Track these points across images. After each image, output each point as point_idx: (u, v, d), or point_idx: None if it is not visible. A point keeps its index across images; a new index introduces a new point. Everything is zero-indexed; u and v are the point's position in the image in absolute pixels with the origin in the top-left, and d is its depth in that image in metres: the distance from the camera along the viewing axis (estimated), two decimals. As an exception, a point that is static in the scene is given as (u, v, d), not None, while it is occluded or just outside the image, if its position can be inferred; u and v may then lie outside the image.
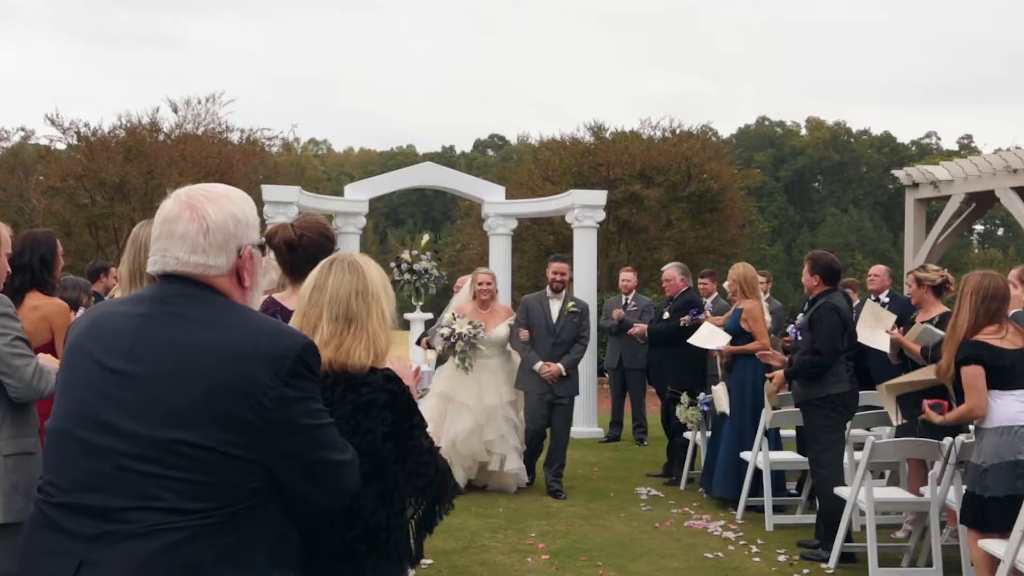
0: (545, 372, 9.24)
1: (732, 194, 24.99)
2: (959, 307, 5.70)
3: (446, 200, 57.01)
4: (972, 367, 5.55)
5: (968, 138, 71.61)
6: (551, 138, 26.68)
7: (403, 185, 14.55)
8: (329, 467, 2.39)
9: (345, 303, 2.78)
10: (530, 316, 9.45)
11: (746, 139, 73.10)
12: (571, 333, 9.42)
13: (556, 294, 9.51)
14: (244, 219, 2.42)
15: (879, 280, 10.06)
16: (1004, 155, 13.59)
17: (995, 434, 5.52)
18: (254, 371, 2.23)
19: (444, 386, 9.31)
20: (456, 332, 9.00)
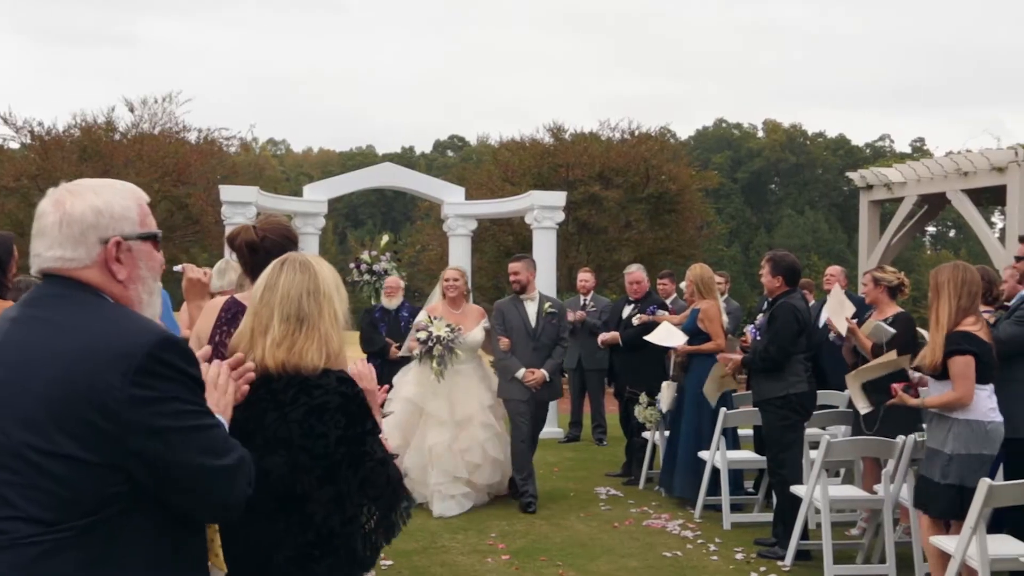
0: (530, 380, 8.76)
1: (690, 195, 25.11)
2: (937, 299, 5.74)
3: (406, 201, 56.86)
4: (965, 357, 5.60)
5: (920, 141, 72.68)
6: (511, 139, 26.67)
7: (362, 186, 14.50)
8: (195, 474, 2.21)
9: (296, 303, 2.76)
10: (507, 321, 8.92)
11: (704, 141, 73.64)
12: (551, 336, 8.96)
13: (529, 296, 9.01)
14: (108, 210, 2.32)
15: (834, 280, 10.18)
16: (955, 158, 13.83)
17: (966, 426, 5.60)
18: (100, 372, 2.12)
19: (411, 392, 8.77)
20: (434, 335, 8.55)
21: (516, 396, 8.80)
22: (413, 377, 8.85)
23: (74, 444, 2.11)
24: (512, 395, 8.83)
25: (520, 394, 8.79)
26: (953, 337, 5.62)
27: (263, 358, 2.72)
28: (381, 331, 11.20)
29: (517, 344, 8.84)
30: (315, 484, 2.64)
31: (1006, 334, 6.01)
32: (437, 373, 8.53)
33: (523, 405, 8.77)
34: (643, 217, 24.38)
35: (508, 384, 8.85)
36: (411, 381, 8.84)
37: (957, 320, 5.64)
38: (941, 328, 5.68)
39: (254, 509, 2.59)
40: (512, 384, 8.81)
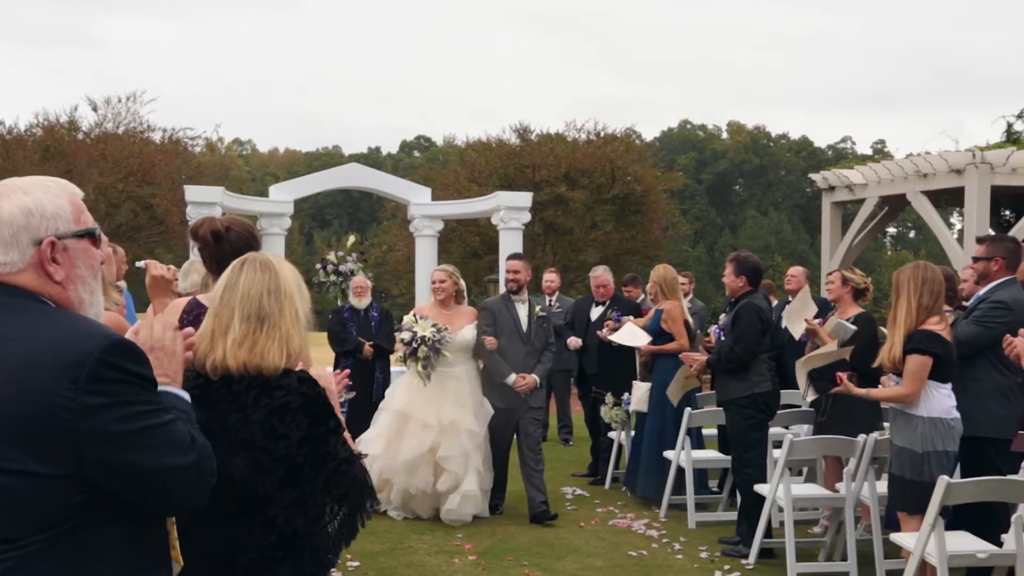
0: (521, 385, 8.30)
1: (655, 196, 25.27)
2: (897, 298, 5.79)
3: (372, 201, 56.73)
4: (923, 357, 5.64)
5: (881, 143, 73.38)
6: (477, 140, 26.73)
7: (329, 186, 14.50)
8: (159, 474, 2.17)
9: (257, 302, 2.74)
10: (497, 322, 8.37)
11: (669, 142, 73.96)
12: (542, 339, 8.49)
13: (519, 297, 8.51)
14: (39, 210, 2.22)
15: (796, 280, 10.29)
16: (915, 160, 14.00)
17: (930, 424, 5.67)
18: (49, 383, 2.05)
19: (401, 403, 8.34)
20: (418, 335, 8.02)
21: (503, 403, 8.31)
22: (404, 386, 8.47)
23: (30, 459, 2.05)
24: (496, 402, 8.34)
25: (506, 400, 8.29)
26: (917, 335, 5.68)
27: (224, 358, 2.70)
28: (351, 331, 11.19)
29: (508, 347, 8.33)
30: (277, 486, 2.64)
31: (965, 334, 6.08)
32: (422, 376, 8.04)
33: (507, 415, 8.33)
34: (609, 218, 24.51)
35: (493, 390, 8.35)
36: (403, 390, 8.47)
37: (919, 319, 5.71)
38: (899, 326, 5.75)
39: (216, 511, 2.59)
40: (498, 390, 8.32)
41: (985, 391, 6.08)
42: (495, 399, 8.32)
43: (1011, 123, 16.83)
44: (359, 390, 10.97)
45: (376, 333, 11.34)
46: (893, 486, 5.93)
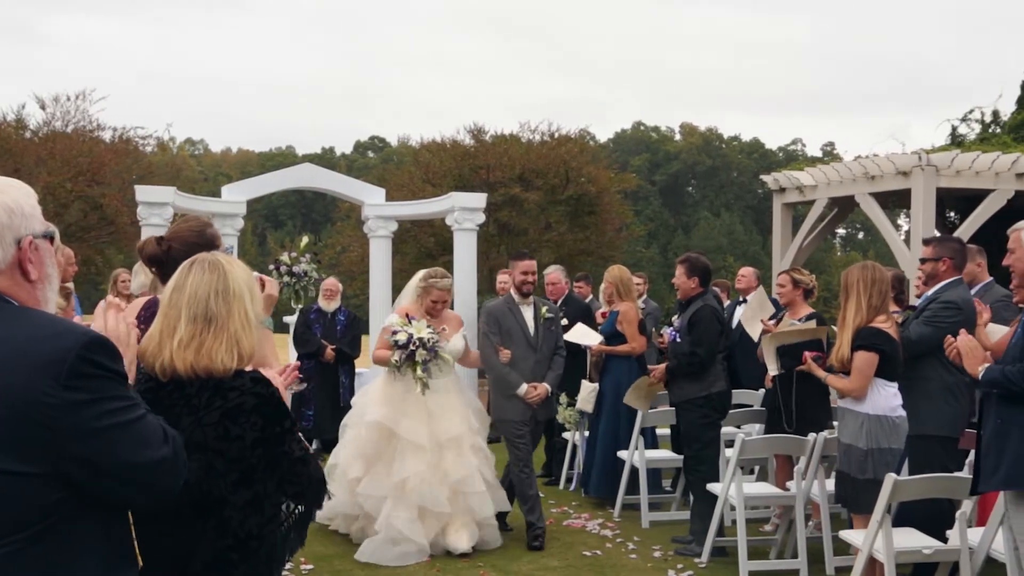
0: (533, 396, 7.64)
1: (609, 197, 25.40)
2: (846, 298, 5.88)
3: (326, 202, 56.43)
4: (869, 354, 5.74)
5: (831, 145, 74.30)
6: (431, 140, 26.70)
7: (282, 186, 14.36)
8: (138, 468, 2.21)
9: (204, 303, 2.72)
10: (503, 329, 7.69)
11: (623, 143, 74.39)
12: (550, 345, 7.87)
13: (525, 299, 7.85)
14: (19, 209, 2.24)
15: (746, 281, 10.39)
16: (863, 162, 14.20)
17: (876, 421, 5.77)
18: (28, 381, 2.07)
19: (380, 414, 7.28)
20: (415, 337, 7.14)
21: (514, 416, 7.65)
22: (379, 396, 7.45)
23: (9, 457, 2.06)
24: (509, 415, 7.68)
25: (518, 413, 7.65)
26: (864, 333, 5.78)
27: (171, 360, 2.68)
28: (315, 332, 11.13)
29: (515, 355, 7.66)
30: (231, 488, 2.62)
31: (917, 334, 6.18)
32: (421, 383, 7.11)
33: (521, 427, 7.67)
34: (563, 219, 24.60)
35: (506, 402, 7.69)
36: (377, 401, 7.42)
37: (868, 318, 5.81)
38: (848, 326, 5.85)
39: (169, 515, 2.58)
40: (510, 403, 7.67)
41: (934, 390, 6.19)
42: (507, 412, 7.69)
43: (955, 126, 17.14)
44: (323, 394, 10.93)
45: (341, 337, 11.26)
46: (840, 484, 6.02)
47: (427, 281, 7.54)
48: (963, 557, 5.45)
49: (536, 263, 8.04)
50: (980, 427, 4.71)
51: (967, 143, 15.78)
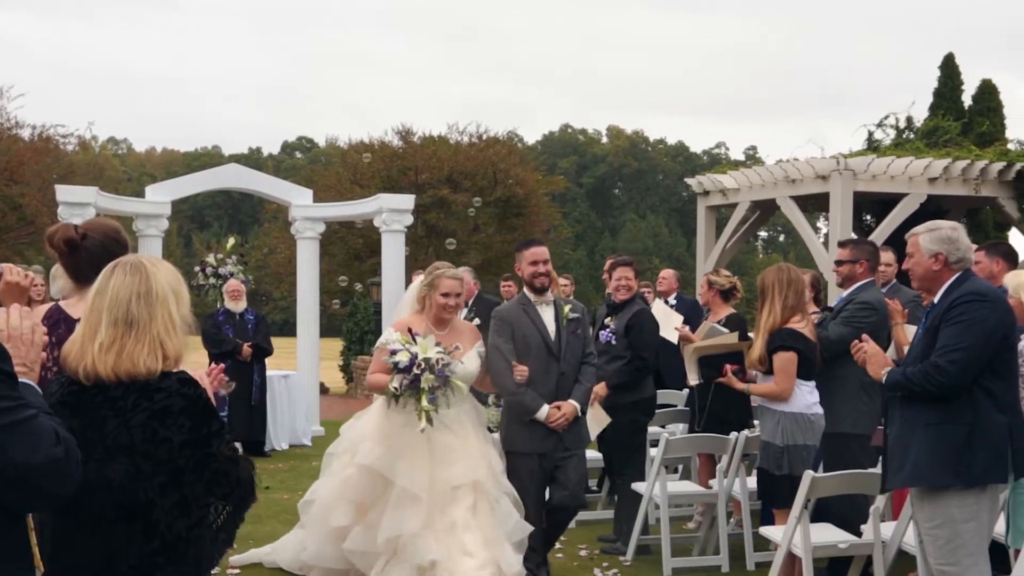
0: (556, 419, 5.97)
1: (537, 199, 25.61)
2: (763, 301, 5.99)
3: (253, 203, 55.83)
4: (788, 353, 5.85)
5: (753, 149, 75.48)
6: (359, 141, 26.63)
7: (208, 187, 14.22)
8: (26, 469, 2.16)
9: (125, 306, 2.70)
10: (516, 337, 6.03)
11: (550, 146, 74.72)
12: (576, 353, 6.21)
13: (542, 297, 6.22)
14: None
15: (667, 283, 10.54)
16: (784, 166, 14.53)
17: (792, 419, 5.90)
18: None
19: (373, 456, 5.66)
20: (420, 359, 5.41)
21: (527, 448, 6.03)
22: (374, 431, 5.83)
23: None
24: (521, 446, 6.06)
25: (534, 444, 6.02)
26: (779, 333, 5.90)
27: (93, 364, 2.66)
28: (227, 333, 11.09)
29: (533, 367, 5.99)
30: (158, 490, 2.62)
31: (836, 334, 6.29)
32: (425, 416, 5.41)
33: (535, 461, 6.06)
34: (491, 220, 24.71)
35: (519, 430, 6.05)
36: (372, 436, 5.81)
37: (784, 319, 5.94)
38: (764, 328, 5.97)
39: (94, 519, 2.58)
40: (525, 430, 6.03)
41: (850, 388, 6.32)
42: (519, 442, 6.07)
43: (872, 132, 17.58)
44: (237, 392, 10.88)
45: (254, 336, 11.28)
46: (760, 480, 6.16)
47: (432, 273, 5.95)
48: (876, 550, 5.61)
49: (547, 250, 6.38)
50: (886, 427, 4.83)
51: (883, 148, 16.20)
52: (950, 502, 4.46)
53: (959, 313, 4.45)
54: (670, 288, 10.50)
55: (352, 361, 20.44)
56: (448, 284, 5.84)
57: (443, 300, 5.81)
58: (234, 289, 11.49)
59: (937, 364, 4.40)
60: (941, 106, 17.44)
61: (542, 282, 6.13)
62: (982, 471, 4.42)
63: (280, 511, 8.57)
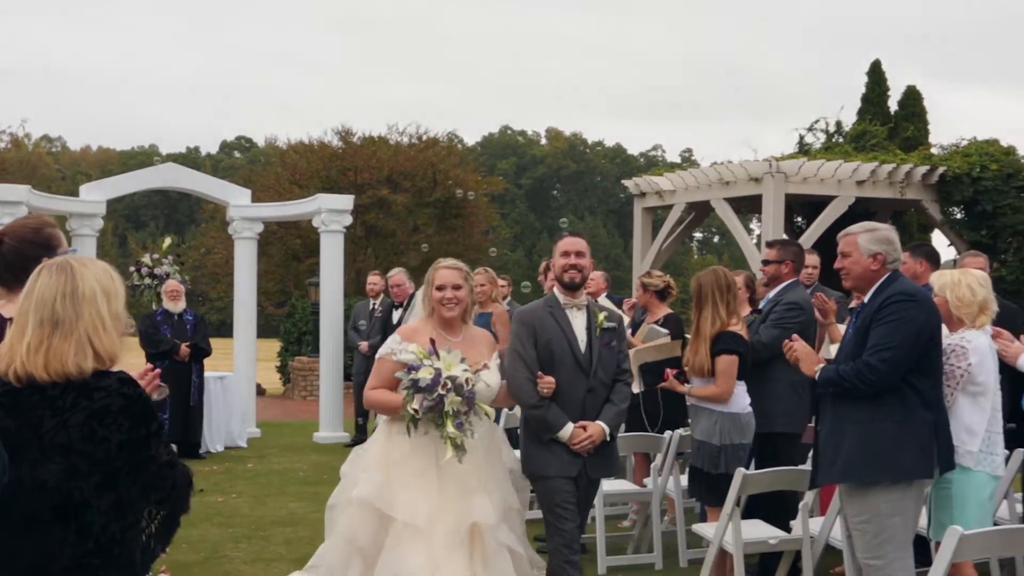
0: (581, 441, 5.05)
1: (476, 200, 25.67)
2: (703, 305, 6.04)
3: (191, 202, 55.12)
4: (731, 357, 5.93)
5: (689, 152, 76.16)
6: (299, 141, 26.47)
7: (144, 186, 14.06)
8: None
9: (51, 306, 2.71)
10: (541, 343, 5.12)
11: (490, 147, 74.84)
12: (608, 368, 5.23)
13: (576, 300, 5.24)
14: None
15: (595, 284, 10.64)
16: (718, 168, 14.76)
17: (729, 418, 5.99)
18: None
19: (370, 486, 4.77)
20: (444, 377, 4.51)
21: (554, 471, 5.11)
22: (374, 460, 4.91)
23: None
24: (546, 470, 5.13)
25: (561, 467, 5.11)
26: (724, 337, 5.97)
27: (21, 364, 2.67)
28: (166, 334, 11.00)
29: (559, 379, 5.09)
30: (94, 491, 2.61)
31: (768, 336, 6.39)
32: (452, 444, 4.52)
33: (565, 485, 5.11)
34: (431, 221, 24.73)
35: (540, 451, 5.14)
36: (372, 466, 4.89)
37: (726, 322, 6.03)
38: (704, 330, 6.03)
39: (27, 520, 2.57)
40: (547, 451, 5.12)
41: (781, 388, 6.42)
42: (541, 465, 5.15)
43: (803, 135, 17.93)
44: (175, 393, 10.79)
45: (192, 336, 11.21)
46: (694, 479, 6.26)
47: (431, 268, 5.13)
48: (805, 545, 5.72)
49: (585, 241, 5.39)
50: (817, 423, 4.93)
51: (813, 152, 16.54)
52: (878, 497, 4.56)
53: (889, 313, 4.54)
54: (598, 289, 10.62)
55: (289, 362, 20.31)
56: (443, 275, 5.01)
57: (438, 294, 4.96)
58: (173, 289, 11.42)
59: (868, 362, 4.50)
60: (868, 111, 17.87)
61: (572, 276, 5.17)
62: (910, 467, 4.54)
63: (214, 514, 8.53)
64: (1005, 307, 5.39)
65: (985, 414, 4.91)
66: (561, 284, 5.24)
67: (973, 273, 5.15)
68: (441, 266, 5.08)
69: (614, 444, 5.33)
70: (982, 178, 14.64)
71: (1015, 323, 6.03)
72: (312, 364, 17.73)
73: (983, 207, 14.70)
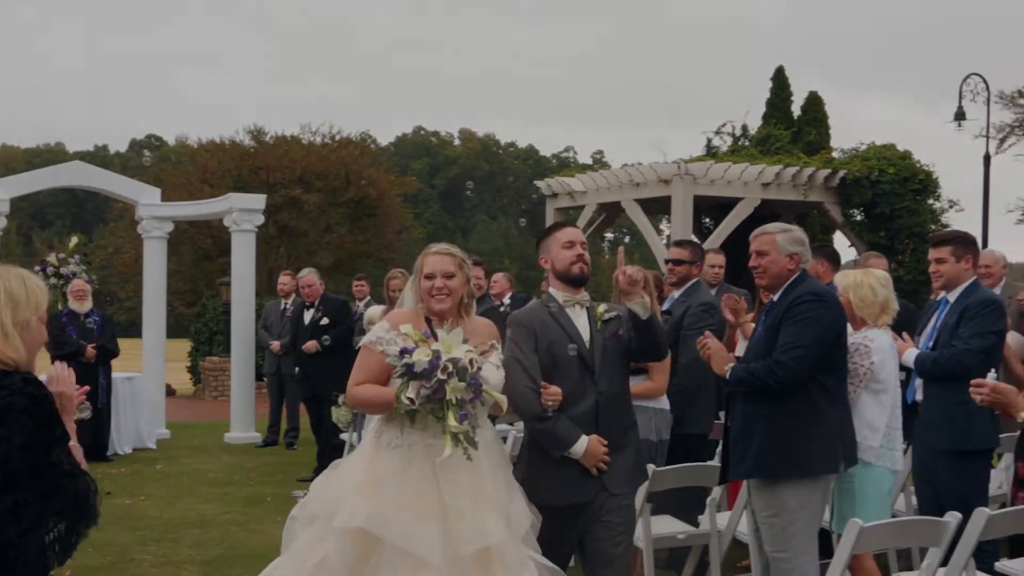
0: (597, 455, 4.39)
1: (389, 200, 25.64)
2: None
3: (99, 201, 53.89)
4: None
5: (600, 153, 76.92)
6: (210, 140, 26.14)
7: (49, 184, 13.76)
8: None
9: None
10: (542, 346, 4.47)
11: (403, 147, 74.63)
12: (620, 366, 4.63)
13: (576, 293, 4.59)
14: None
15: (499, 286, 10.77)
16: (629, 170, 15.03)
17: (660, 415, 6.11)
18: None
19: (360, 514, 3.97)
20: (444, 360, 3.87)
21: (559, 498, 4.41)
22: (361, 481, 4.11)
23: None
24: (549, 495, 4.41)
25: (569, 492, 4.42)
26: None
27: None
28: (71, 335, 10.82)
29: (567, 389, 4.42)
30: None
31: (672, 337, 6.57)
32: (457, 440, 3.88)
33: (570, 518, 4.43)
34: (343, 221, 24.62)
35: (545, 473, 4.45)
36: (356, 485, 4.10)
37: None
38: None
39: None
40: (553, 472, 4.43)
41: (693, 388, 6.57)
42: (546, 490, 4.42)
43: (710, 139, 18.32)
44: (81, 398, 10.62)
45: (99, 337, 11.04)
46: None
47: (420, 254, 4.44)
48: (712, 540, 5.83)
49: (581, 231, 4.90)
50: (727, 420, 5.00)
51: (720, 154, 16.92)
52: (786, 492, 4.65)
53: (800, 312, 4.62)
54: (503, 290, 10.76)
55: (200, 362, 20.04)
56: (433, 262, 4.29)
57: (427, 283, 4.25)
58: (79, 289, 11.22)
59: (779, 360, 4.58)
60: (773, 116, 18.34)
61: (582, 269, 4.57)
62: (817, 462, 4.64)
63: (122, 517, 8.41)
64: (903, 307, 5.59)
65: (886, 411, 5.05)
66: (567, 279, 4.58)
67: (875, 274, 5.31)
68: (431, 252, 4.36)
69: (632, 449, 4.62)
70: (880, 181, 15.14)
71: (912, 322, 6.27)
72: (223, 364, 17.54)
73: (881, 209, 15.20)
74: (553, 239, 4.62)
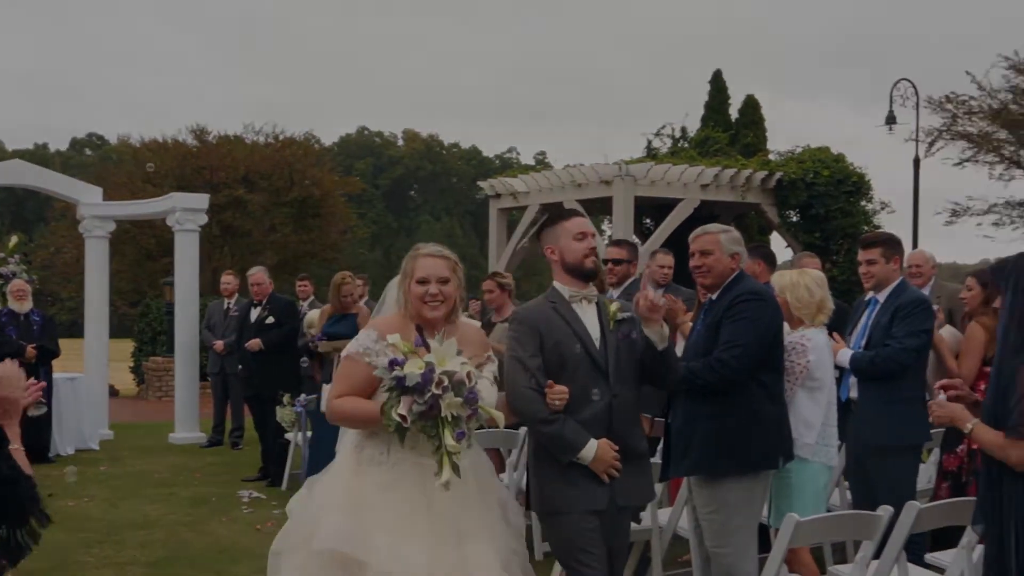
0: (605, 461, 4.09)
1: (333, 200, 25.60)
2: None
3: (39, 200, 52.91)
4: None
5: (543, 154, 77.12)
6: (152, 140, 25.91)
7: (-11, 183, 13.60)
8: None
9: None
10: (548, 347, 4.16)
11: (347, 147, 74.29)
12: (631, 367, 4.29)
13: (584, 288, 4.31)
14: None
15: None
16: (571, 171, 15.20)
17: None
18: None
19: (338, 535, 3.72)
20: (438, 372, 3.51)
21: (578, 504, 4.13)
22: (338, 499, 3.86)
23: None
24: (564, 504, 4.15)
25: (585, 500, 4.13)
26: None
27: None
28: (11, 335, 10.72)
29: (575, 391, 4.12)
30: None
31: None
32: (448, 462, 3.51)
33: (590, 522, 4.14)
34: (287, 221, 24.54)
35: (556, 480, 4.16)
36: (336, 506, 3.83)
37: None
38: None
39: None
40: (563, 480, 4.15)
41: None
42: (559, 499, 4.17)
43: (650, 140, 18.56)
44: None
45: (39, 337, 10.95)
46: None
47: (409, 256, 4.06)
48: (654, 536, 5.96)
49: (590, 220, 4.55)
50: (667, 418, 5.07)
51: (660, 156, 17.15)
52: (727, 489, 4.72)
53: (740, 311, 4.69)
54: None
55: (144, 362, 19.86)
56: (426, 265, 3.93)
57: (419, 289, 3.88)
58: (18, 289, 11.12)
59: (721, 358, 4.65)
60: (711, 118, 18.64)
61: (594, 263, 4.31)
62: (758, 459, 4.73)
63: (65, 518, 8.33)
64: (837, 306, 5.75)
65: (821, 408, 5.13)
66: (578, 272, 4.28)
67: (811, 274, 5.43)
68: (422, 253, 4.00)
69: (647, 459, 4.38)
70: (815, 183, 15.43)
71: (845, 321, 6.46)
72: (167, 364, 17.40)
73: (816, 211, 15.49)
74: (562, 229, 4.34)
